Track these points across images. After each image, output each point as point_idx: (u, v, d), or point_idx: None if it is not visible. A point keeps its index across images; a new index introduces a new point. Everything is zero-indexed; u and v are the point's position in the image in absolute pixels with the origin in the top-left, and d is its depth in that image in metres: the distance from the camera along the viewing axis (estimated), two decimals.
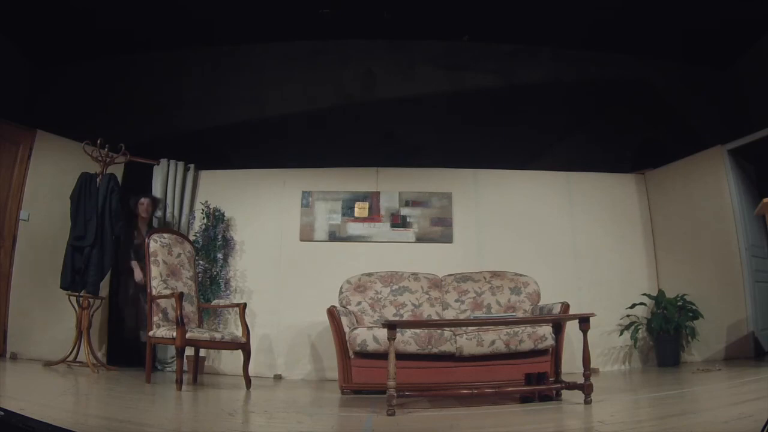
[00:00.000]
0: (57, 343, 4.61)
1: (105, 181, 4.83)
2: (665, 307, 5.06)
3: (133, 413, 2.63)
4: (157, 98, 6.19)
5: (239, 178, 5.73)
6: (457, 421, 2.58)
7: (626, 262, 5.54)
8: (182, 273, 4.40)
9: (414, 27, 6.22)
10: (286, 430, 2.39)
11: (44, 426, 1.54)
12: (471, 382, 3.79)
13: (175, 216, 5.47)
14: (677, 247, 5.42)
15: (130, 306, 5.04)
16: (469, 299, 4.71)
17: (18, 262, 4.77)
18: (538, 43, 6.43)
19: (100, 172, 4.86)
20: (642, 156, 6.13)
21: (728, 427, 1.99)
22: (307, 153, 6.02)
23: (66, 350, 4.43)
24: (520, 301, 4.65)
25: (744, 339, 4.77)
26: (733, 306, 4.87)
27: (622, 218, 5.69)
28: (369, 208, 5.60)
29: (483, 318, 3.94)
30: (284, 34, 6.27)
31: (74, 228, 4.67)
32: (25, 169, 4.93)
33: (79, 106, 5.97)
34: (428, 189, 5.66)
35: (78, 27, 5.75)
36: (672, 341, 5.00)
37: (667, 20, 5.77)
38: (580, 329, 3.12)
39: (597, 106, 6.35)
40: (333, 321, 4.12)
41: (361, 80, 6.45)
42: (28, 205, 4.88)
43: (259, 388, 4.12)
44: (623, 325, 5.24)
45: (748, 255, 4.90)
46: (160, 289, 4.15)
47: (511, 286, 4.74)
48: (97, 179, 4.83)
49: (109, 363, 4.80)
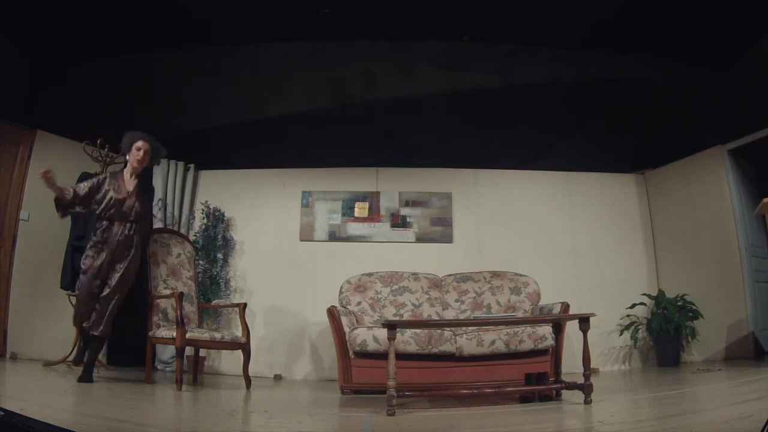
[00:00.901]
0: (57, 343, 4.61)
1: None
2: (665, 307, 5.06)
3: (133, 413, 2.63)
4: (157, 98, 6.19)
5: (239, 178, 5.73)
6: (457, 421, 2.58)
7: (626, 262, 5.54)
8: (182, 273, 4.40)
9: (414, 27, 6.22)
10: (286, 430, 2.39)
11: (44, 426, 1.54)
12: (471, 382, 3.79)
13: (175, 216, 5.47)
14: (677, 247, 5.42)
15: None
16: (469, 299, 4.71)
17: (18, 262, 4.78)
18: (538, 43, 6.43)
19: (100, 172, 4.85)
20: (642, 156, 6.13)
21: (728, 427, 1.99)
22: (307, 153, 6.02)
23: (66, 350, 4.43)
24: (520, 301, 4.65)
25: (744, 339, 4.77)
26: (733, 306, 4.87)
27: (622, 218, 5.69)
28: (369, 208, 5.60)
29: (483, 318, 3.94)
30: (284, 34, 6.27)
31: (74, 228, 4.67)
32: (25, 169, 4.93)
33: (79, 106, 5.97)
34: (428, 189, 5.66)
35: (78, 27, 5.75)
36: (672, 341, 5.00)
37: (667, 20, 5.76)
38: (580, 329, 3.12)
39: (597, 106, 6.35)
40: (333, 321, 4.12)
41: (361, 80, 6.45)
42: (28, 205, 4.88)
43: (259, 388, 4.12)
44: (623, 325, 5.24)
45: (748, 255, 4.90)
46: (160, 289, 4.15)
47: (511, 286, 4.74)
48: None
49: (109, 363, 4.80)
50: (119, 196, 3.89)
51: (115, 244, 3.84)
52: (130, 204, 3.91)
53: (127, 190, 3.93)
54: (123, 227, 3.87)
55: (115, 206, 3.87)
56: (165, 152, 4.12)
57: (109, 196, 3.87)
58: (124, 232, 3.88)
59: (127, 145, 3.98)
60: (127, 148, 3.99)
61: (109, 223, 3.86)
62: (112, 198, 3.87)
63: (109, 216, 3.87)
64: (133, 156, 3.95)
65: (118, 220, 3.87)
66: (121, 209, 3.88)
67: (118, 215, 3.87)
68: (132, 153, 3.96)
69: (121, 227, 3.87)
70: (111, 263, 3.84)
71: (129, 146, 3.97)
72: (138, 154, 3.95)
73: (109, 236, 3.85)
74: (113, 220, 3.87)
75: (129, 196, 3.91)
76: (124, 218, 3.88)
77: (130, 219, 3.89)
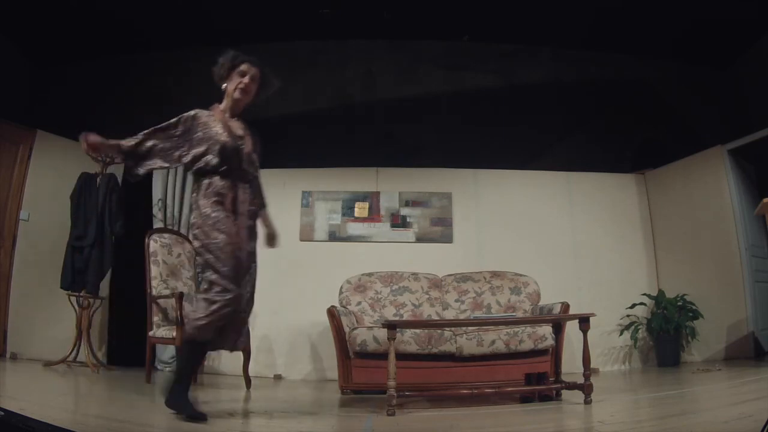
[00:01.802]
0: (57, 343, 4.61)
1: (105, 181, 4.84)
2: (665, 307, 5.06)
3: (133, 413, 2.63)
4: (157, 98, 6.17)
5: None
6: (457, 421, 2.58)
7: (626, 262, 5.54)
8: (182, 273, 4.40)
9: (414, 27, 6.22)
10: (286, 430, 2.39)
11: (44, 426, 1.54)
12: (471, 382, 3.79)
13: (175, 216, 5.46)
14: (677, 247, 5.42)
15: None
16: (469, 299, 4.71)
17: (18, 262, 4.78)
18: (538, 43, 6.42)
19: (100, 172, 4.86)
20: (642, 156, 6.13)
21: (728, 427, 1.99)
22: (307, 153, 6.01)
23: (66, 350, 4.43)
24: (520, 301, 4.65)
25: (744, 339, 4.77)
26: (733, 306, 4.87)
27: (622, 218, 5.69)
28: (369, 208, 5.60)
29: (483, 318, 3.94)
30: (284, 34, 6.26)
31: (74, 228, 4.67)
32: (25, 169, 4.94)
33: (79, 106, 5.97)
34: (428, 189, 5.66)
35: (78, 27, 5.74)
36: (672, 341, 5.00)
37: (667, 20, 5.76)
38: (580, 329, 3.12)
39: (597, 106, 6.35)
40: (333, 321, 4.12)
41: (361, 80, 6.45)
42: (28, 205, 4.89)
43: (259, 388, 4.12)
44: (623, 325, 5.24)
45: (748, 255, 4.91)
46: (160, 289, 4.16)
47: (511, 286, 4.74)
48: (97, 179, 4.83)
49: (109, 363, 4.80)
50: (234, 143, 2.65)
51: (247, 215, 2.69)
52: (248, 154, 2.73)
53: (238, 135, 2.72)
54: (243, 189, 2.68)
55: (232, 156, 2.63)
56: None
57: (222, 139, 2.62)
58: (247, 197, 2.70)
59: (226, 70, 2.80)
60: (225, 75, 2.81)
61: (231, 184, 2.62)
62: (227, 144, 2.62)
63: (225, 171, 2.61)
64: (234, 85, 2.77)
65: (239, 180, 2.66)
66: (240, 162, 2.67)
67: (236, 172, 2.65)
68: (232, 80, 2.78)
69: (242, 189, 2.67)
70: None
71: (228, 71, 2.80)
72: (243, 81, 2.76)
73: (237, 203, 2.64)
74: (232, 178, 2.62)
75: (243, 142, 2.71)
76: (243, 177, 2.69)
77: (248, 178, 2.73)
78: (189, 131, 2.66)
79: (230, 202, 2.60)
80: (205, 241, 2.52)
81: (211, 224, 2.53)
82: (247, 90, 2.77)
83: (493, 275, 4.84)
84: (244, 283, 2.64)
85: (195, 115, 2.70)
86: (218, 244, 2.50)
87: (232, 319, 2.56)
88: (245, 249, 2.65)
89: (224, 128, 2.67)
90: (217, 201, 2.56)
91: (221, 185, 2.59)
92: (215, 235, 2.51)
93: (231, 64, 2.78)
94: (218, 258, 2.49)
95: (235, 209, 2.61)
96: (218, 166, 2.59)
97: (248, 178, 2.72)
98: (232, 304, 2.50)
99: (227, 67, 2.79)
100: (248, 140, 2.76)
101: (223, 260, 2.49)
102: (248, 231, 2.69)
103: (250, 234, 2.72)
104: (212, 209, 2.55)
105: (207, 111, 2.76)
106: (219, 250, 2.49)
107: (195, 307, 2.49)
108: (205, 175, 2.61)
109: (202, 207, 2.57)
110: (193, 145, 2.64)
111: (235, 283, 2.52)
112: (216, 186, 2.58)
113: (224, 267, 2.49)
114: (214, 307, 2.44)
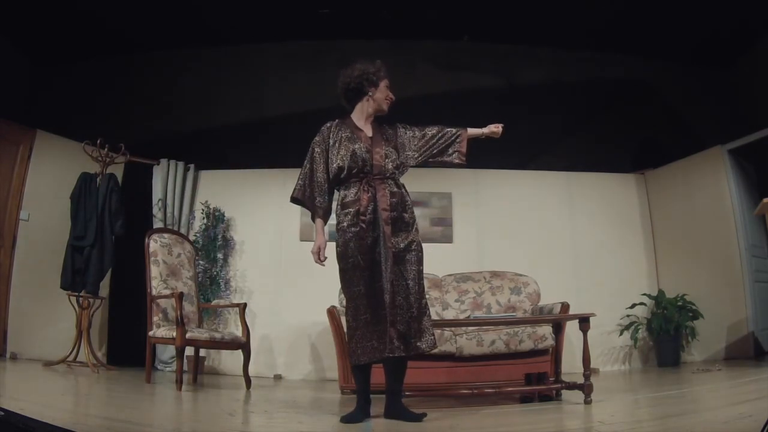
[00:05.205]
0: (57, 343, 4.61)
1: (105, 181, 4.84)
2: (665, 307, 5.07)
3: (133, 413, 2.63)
4: (156, 98, 6.18)
5: (239, 178, 5.73)
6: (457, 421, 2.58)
7: (626, 262, 5.54)
8: (182, 273, 4.40)
9: (414, 27, 6.21)
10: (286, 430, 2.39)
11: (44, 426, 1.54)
12: (471, 382, 3.79)
13: (175, 216, 5.46)
14: (677, 247, 5.42)
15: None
16: (469, 299, 4.71)
17: (18, 262, 4.77)
18: (538, 43, 6.42)
19: (100, 172, 4.86)
20: (642, 156, 6.13)
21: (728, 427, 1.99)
22: None
23: (66, 350, 4.43)
24: (520, 301, 4.65)
25: (744, 339, 4.77)
26: (733, 306, 4.87)
27: (622, 218, 5.69)
28: None
29: (483, 318, 3.94)
30: (284, 34, 6.26)
31: (74, 228, 4.67)
32: (25, 169, 4.93)
33: (79, 106, 5.97)
34: (428, 189, 5.66)
35: (78, 27, 5.74)
36: (672, 341, 5.00)
37: (668, 20, 5.76)
38: (580, 329, 3.12)
39: (597, 106, 6.35)
40: (333, 321, 4.12)
41: None
42: (28, 205, 4.89)
43: (259, 388, 4.12)
44: (623, 325, 5.24)
45: (748, 255, 4.91)
46: (160, 289, 4.15)
47: (511, 286, 4.74)
48: (97, 179, 4.83)
49: (109, 363, 4.80)
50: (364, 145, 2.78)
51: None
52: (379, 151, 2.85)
53: (368, 137, 2.84)
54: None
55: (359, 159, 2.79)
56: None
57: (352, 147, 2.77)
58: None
59: (380, 78, 2.87)
60: (374, 81, 2.85)
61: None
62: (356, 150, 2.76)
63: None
64: (383, 94, 2.85)
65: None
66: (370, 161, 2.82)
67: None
68: (380, 90, 2.84)
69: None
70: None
71: (376, 80, 2.86)
72: (390, 95, 2.87)
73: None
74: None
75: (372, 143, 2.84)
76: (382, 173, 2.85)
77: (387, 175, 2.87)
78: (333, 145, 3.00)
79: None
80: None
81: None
82: (388, 102, 2.91)
83: (493, 275, 4.84)
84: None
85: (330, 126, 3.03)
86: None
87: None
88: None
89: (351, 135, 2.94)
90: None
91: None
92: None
93: (383, 74, 2.90)
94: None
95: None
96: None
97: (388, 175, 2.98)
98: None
99: (381, 76, 2.89)
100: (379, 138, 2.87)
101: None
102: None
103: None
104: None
105: (341, 120, 2.98)
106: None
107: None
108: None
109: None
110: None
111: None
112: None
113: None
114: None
